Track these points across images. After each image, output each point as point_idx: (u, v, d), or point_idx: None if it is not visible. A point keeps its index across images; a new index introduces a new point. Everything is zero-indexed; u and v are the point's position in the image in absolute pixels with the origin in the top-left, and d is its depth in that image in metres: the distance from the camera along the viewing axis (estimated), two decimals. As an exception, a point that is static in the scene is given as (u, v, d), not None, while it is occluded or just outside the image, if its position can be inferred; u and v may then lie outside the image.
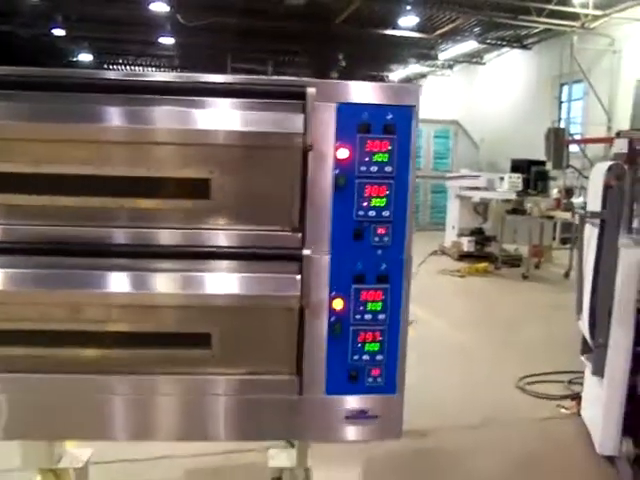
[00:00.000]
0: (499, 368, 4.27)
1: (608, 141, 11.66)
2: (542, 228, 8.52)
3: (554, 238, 9.87)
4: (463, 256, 8.84)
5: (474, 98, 17.79)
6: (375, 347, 1.38)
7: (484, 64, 17.34)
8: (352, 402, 1.41)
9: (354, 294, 1.35)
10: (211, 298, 1.29)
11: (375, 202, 1.32)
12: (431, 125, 12.98)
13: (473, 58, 17.33)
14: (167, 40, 15.17)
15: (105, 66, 20.32)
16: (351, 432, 1.43)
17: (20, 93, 1.24)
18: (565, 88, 13.19)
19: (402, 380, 1.42)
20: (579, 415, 3.41)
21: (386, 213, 1.33)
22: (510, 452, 3.06)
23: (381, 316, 1.37)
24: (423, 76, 21.01)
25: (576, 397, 3.61)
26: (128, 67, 20.94)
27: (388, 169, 1.31)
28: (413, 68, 19.52)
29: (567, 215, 7.57)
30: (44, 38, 14.71)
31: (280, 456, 2.54)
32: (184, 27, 12.58)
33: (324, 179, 1.30)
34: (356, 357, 1.38)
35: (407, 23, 13.12)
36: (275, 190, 1.30)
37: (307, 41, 14.58)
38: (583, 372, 3.47)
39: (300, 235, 1.31)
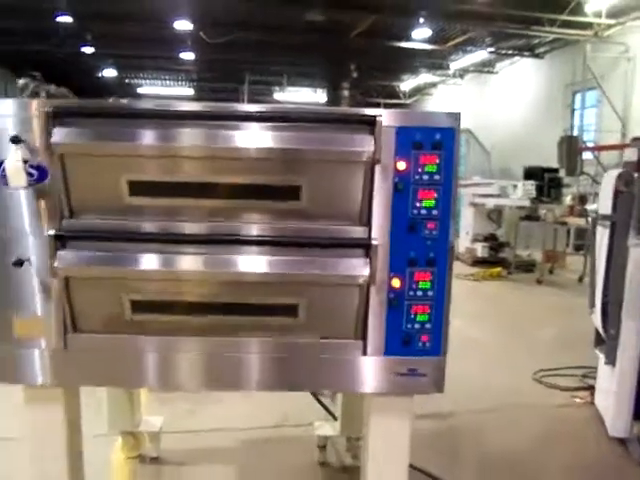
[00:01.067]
0: (515, 362, 4.59)
1: (622, 148, 11.89)
2: (556, 234, 8.81)
3: (567, 245, 10.15)
4: (477, 262, 9.14)
5: (485, 106, 18.10)
6: (425, 317, 1.75)
7: (496, 73, 17.65)
8: (405, 362, 1.77)
9: (408, 275, 1.72)
10: (299, 276, 1.67)
11: (426, 203, 1.69)
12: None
13: (485, 67, 17.64)
14: (188, 55, 15.69)
15: (126, 81, 20.97)
16: (404, 386, 1.79)
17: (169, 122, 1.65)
18: (578, 96, 13.47)
19: (446, 344, 1.79)
20: (592, 404, 3.73)
21: (435, 212, 1.70)
22: (528, 433, 3.38)
23: (430, 293, 1.74)
24: (434, 85, 21.35)
25: (589, 388, 3.92)
26: (148, 81, 21.57)
27: (436, 177, 1.68)
28: (424, 77, 19.88)
29: (581, 221, 7.82)
30: (73, 56, 15.33)
31: (325, 427, 2.92)
32: (205, 43, 13.08)
33: (387, 185, 1.67)
34: (409, 325, 1.75)
35: (420, 35, 13.49)
36: (350, 194, 1.67)
37: (322, 54, 15.03)
38: (596, 367, 3.78)
39: (368, 228, 1.69)
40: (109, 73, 18.89)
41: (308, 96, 21.54)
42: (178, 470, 2.83)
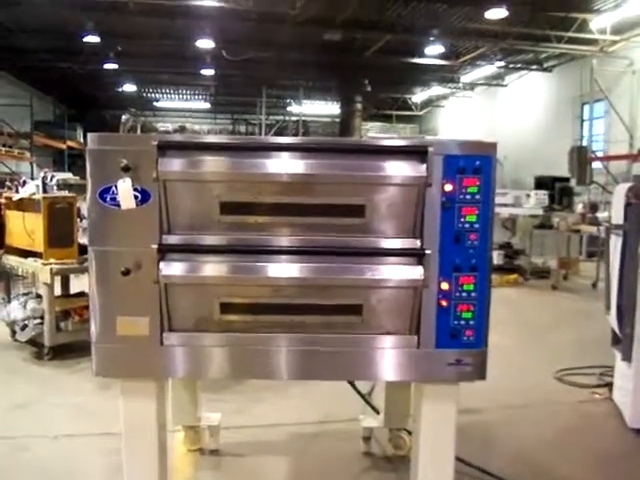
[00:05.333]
0: (536, 363, 4.85)
1: (630, 158, 12.16)
2: (569, 242, 9.07)
3: (580, 252, 10.39)
4: (493, 269, 9.34)
5: (496, 118, 18.39)
6: (469, 315, 2.06)
7: (505, 86, 17.98)
8: (453, 354, 2.08)
9: (454, 279, 2.04)
10: (366, 281, 1.99)
11: (469, 218, 2.01)
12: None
13: (494, 80, 17.98)
14: (207, 72, 16.15)
15: (145, 94, 21.52)
16: (452, 375, 2.10)
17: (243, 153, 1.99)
18: (586, 107, 13.74)
19: (486, 338, 2.09)
20: (611, 400, 3.99)
21: (476, 225, 2.02)
22: (552, 425, 3.65)
23: (473, 294, 2.05)
24: (445, 97, 21.69)
25: (607, 385, 4.18)
26: (166, 95, 22.12)
27: (477, 197, 2.01)
28: (435, 90, 20.24)
29: (593, 229, 8.06)
30: (95, 72, 15.85)
31: (369, 419, 3.21)
32: (225, 60, 13.52)
33: (436, 204, 2.00)
34: (456, 322, 2.06)
35: (432, 52, 13.86)
36: (406, 211, 2.00)
37: (337, 70, 15.45)
38: (612, 366, 4.05)
39: (420, 240, 2.01)
40: (128, 88, 19.42)
41: (322, 109, 21.97)
42: (236, 461, 3.12)
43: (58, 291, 5.13)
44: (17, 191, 5.15)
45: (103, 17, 11.28)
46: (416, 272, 1.99)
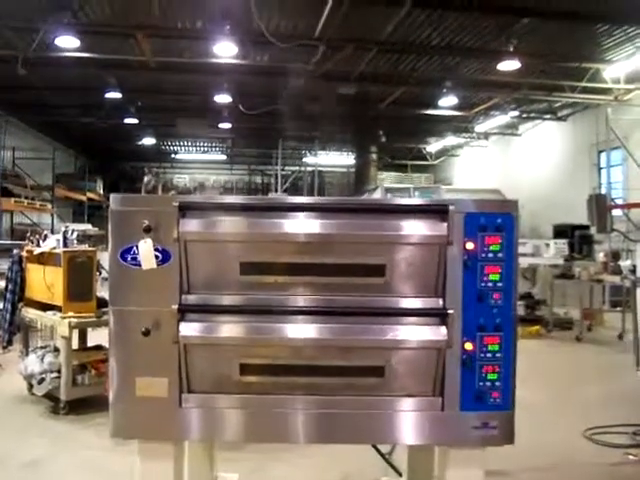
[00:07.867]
0: (564, 420, 4.66)
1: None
2: (592, 291, 8.89)
3: (604, 301, 10.15)
4: (514, 320, 9.20)
5: (511, 167, 18.45)
6: (494, 376, 2.00)
7: (520, 135, 18.12)
8: (478, 417, 2.01)
9: (479, 339, 1.99)
10: (388, 342, 1.95)
11: (492, 277, 1.98)
12: (472, 194, 13.57)
13: (508, 129, 18.15)
14: (224, 125, 16.59)
15: (163, 147, 22.11)
16: (478, 439, 2.02)
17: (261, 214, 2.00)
18: (603, 155, 13.74)
19: (513, 400, 2.02)
20: (647, 462, 3.80)
21: (499, 284, 1.98)
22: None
23: (498, 354, 1.99)
24: (460, 147, 21.91)
25: (642, 445, 4.00)
26: (184, 148, 22.70)
27: (500, 255, 1.98)
28: (449, 140, 20.47)
29: (616, 278, 7.90)
30: (116, 127, 16.38)
31: (392, 482, 3.08)
32: (242, 113, 13.91)
33: (458, 262, 1.97)
34: (481, 383, 2.00)
35: (446, 103, 14.12)
36: (427, 270, 1.97)
37: (352, 121, 15.78)
38: (647, 425, 3.89)
39: (442, 299, 1.98)
40: (148, 141, 19.97)
41: (337, 159, 22.33)
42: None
43: (75, 344, 5.12)
44: (38, 245, 5.24)
45: (125, 74, 11.75)
46: (439, 332, 1.95)
